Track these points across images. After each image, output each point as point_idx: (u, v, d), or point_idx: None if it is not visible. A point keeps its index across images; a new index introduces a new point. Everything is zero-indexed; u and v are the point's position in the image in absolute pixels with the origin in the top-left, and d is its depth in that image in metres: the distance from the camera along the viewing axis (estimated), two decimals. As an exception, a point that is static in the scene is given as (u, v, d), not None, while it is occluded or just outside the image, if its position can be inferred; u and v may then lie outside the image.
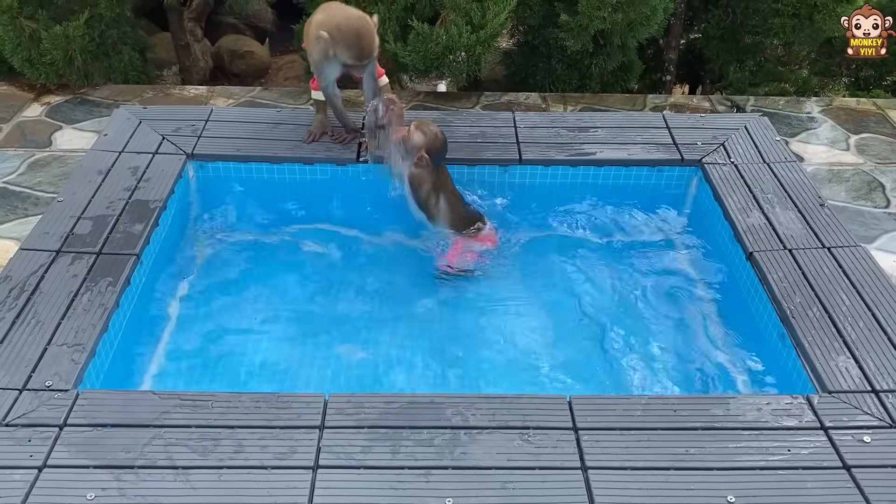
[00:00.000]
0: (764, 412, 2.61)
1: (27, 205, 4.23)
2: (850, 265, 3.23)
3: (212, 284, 3.57)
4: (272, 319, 3.41)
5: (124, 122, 4.09)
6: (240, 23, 7.68)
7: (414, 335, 3.36)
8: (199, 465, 2.38)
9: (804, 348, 2.87)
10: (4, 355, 2.73)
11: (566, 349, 3.29)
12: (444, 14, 5.16)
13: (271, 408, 2.58)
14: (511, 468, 2.41)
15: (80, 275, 3.10)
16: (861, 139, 5.12)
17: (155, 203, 3.52)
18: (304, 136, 3.97)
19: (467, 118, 4.27)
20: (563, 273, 3.67)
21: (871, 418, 2.60)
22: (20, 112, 5.14)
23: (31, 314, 2.91)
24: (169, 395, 2.64)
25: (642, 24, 5.32)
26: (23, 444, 2.44)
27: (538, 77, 5.76)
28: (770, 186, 3.72)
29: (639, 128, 4.14)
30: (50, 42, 5.09)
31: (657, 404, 2.66)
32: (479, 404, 2.62)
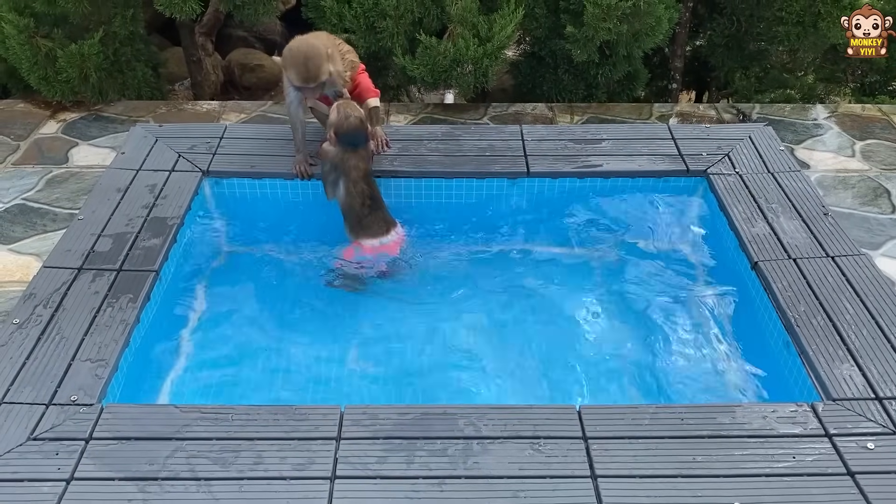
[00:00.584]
0: (769, 420, 2.68)
1: (46, 221, 4.32)
2: (853, 274, 3.29)
3: (228, 298, 3.66)
4: (288, 332, 3.49)
5: (141, 140, 4.19)
6: (249, 35, 7.79)
7: (428, 345, 3.44)
8: (221, 477, 2.47)
9: (808, 356, 2.93)
10: (31, 370, 2.83)
11: (574, 358, 3.36)
12: (451, 27, 5.24)
13: (289, 420, 2.67)
14: (522, 477, 2.48)
15: (102, 291, 3.19)
16: (867, 145, 5.15)
17: (172, 220, 3.61)
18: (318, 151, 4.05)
19: (475, 132, 4.34)
20: (570, 283, 3.75)
21: (874, 425, 2.66)
22: (37, 129, 5.24)
23: (56, 330, 3.00)
24: (190, 408, 2.72)
25: (647, 35, 5.37)
26: (51, 457, 2.52)
27: (545, 87, 5.83)
28: (774, 196, 3.78)
29: (645, 139, 4.21)
30: (65, 60, 5.19)
31: (664, 413, 2.73)
32: (490, 415, 2.69)
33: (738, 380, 3.22)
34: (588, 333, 3.50)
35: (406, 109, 5.51)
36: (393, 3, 5.14)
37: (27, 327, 3.01)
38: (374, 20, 5.15)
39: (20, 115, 5.40)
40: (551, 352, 3.41)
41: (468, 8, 5.14)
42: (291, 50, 3.61)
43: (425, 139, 4.21)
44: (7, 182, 4.62)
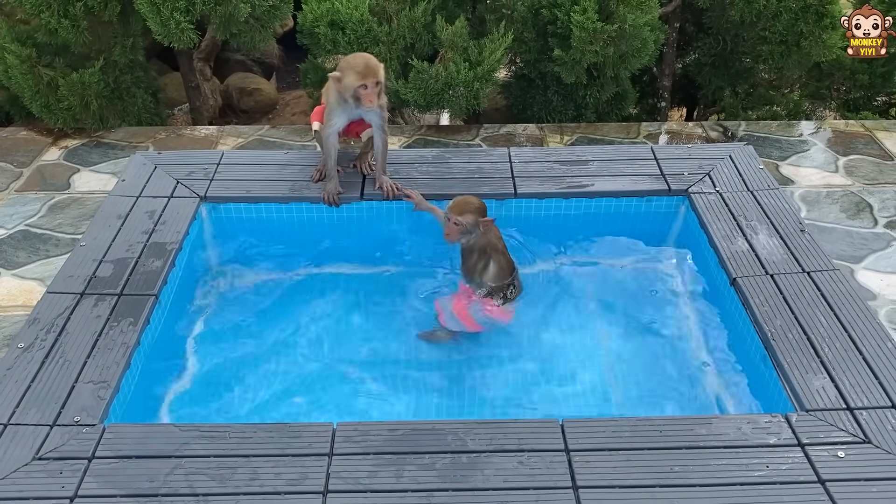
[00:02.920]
0: (744, 430, 2.78)
1: (48, 246, 4.43)
2: (828, 288, 3.41)
3: (225, 320, 3.76)
4: (283, 353, 3.60)
5: (140, 167, 4.32)
6: (247, 59, 7.94)
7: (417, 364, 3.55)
8: (218, 493, 2.57)
9: (784, 369, 3.04)
10: (36, 392, 2.94)
11: (558, 373, 3.47)
12: (442, 52, 5.38)
13: (283, 437, 2.78)
14: (508, 489, 2.59)
15: (104, 315, 3.31)
16: (850, 161, 5.26)
17: (171, 245, 3.73)
18: (312, 175, 4.17)
19: (465, 155, 4.47)
20: (553, 300, 3.85)
21: (845, 434, 2.77)
22: (40, 156, 5.37)
23: (59, 353, 3.12)
24: (188, 427, 2.83)
25: (634, 57, 5.51)
26: (55, 476, 2.63)
27: (535, 108, 5.97)
28: (753, 214, 3.90)
29: (628, 160, 4.34)
30: (67, 89, 5.33)
31: (644, 425, 2.84)
32: (477, 429, 2.80)
33: (718, 392, 3.33)
34: (570, 348, 3.61)
35: (400, 131, 5.64)
36: (385, 29, 5.29)
37: (32, 351, 3.12)
38: (367, 46, 5.29)
39: (23, 142, 5.53)
40: (534, 366, 3.51)
41: (459, 33, 5.28)
42: (347, 58, 3.89)
43: (416, 162, 4.33)
44: (10, 208, 4.75)
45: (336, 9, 5.31)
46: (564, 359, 3.55)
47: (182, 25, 5.15)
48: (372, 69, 3.76)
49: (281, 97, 7.69)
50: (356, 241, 4.12)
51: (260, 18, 5.53)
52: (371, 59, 3.84)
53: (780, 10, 5.64)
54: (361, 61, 3.81)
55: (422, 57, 5.38)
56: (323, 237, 4.12)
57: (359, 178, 4.19)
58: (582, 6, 5.18)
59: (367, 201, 4.08)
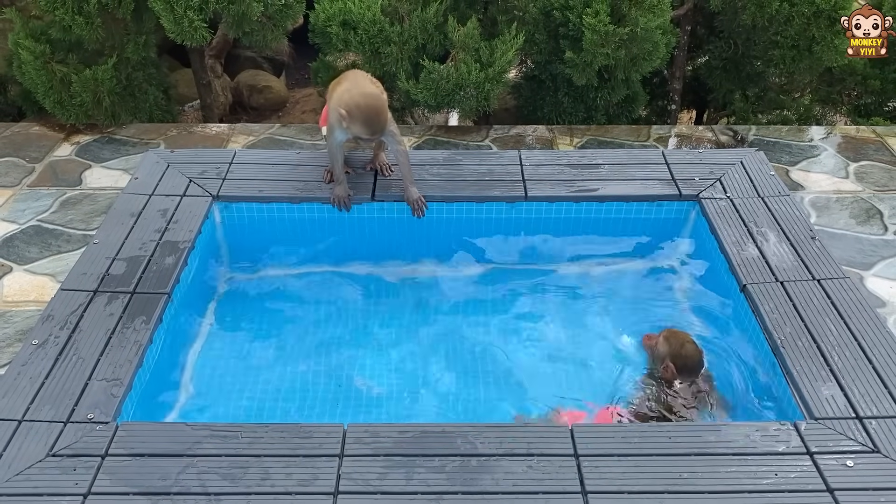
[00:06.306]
0: (753, 438, 2.79)
1: (60, 242, 4.45)
2: (837, 296, 3.41)
3: (236, 319, 3.79)
4: (294, 352, 3.62)
5: (153, 165, 4.34)
6: (258, 56, 7.95)
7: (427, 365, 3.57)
8: (230, 492, 2.60)
9: (793, 377, 3.05)
10: (50, 389, 2.97)
11: (567, 377, 3.48)
12: (454, 53, 5.39)
13: (294, 437, 2.79)
14: (517, 493, 2.61)
15: (116, 313, 3.33)
16: (860, 167, 5.25)
17: (184, 243, 3.75)
18: (324, 175, 4.18)
19: (476, 157, 4.47)
20: (563, 304, 3.87)
21: (854, 443, 2.78)
22: (51, 152, 5.39)
23: (73, 351, 3.14)
24: (200, 426, 2.85)
25: (645, 60, 5.51)
26: (68, 472, 2.66)
27: (545, 109, 5.98)
28: (764, 220, 3.90)
29: (639, 164, 4.34)
30: (80, 85, 5.35)
31: (653, 431, 2.85)
32: (486, 433, 2.82)
33: (727, 399, 3.34)
34: (580, 353, 3.62)
35: (409, 131, 5.66)
36: (397, 29, 5.30)
37: (46, 347, 3.15)
38: (379, 46, 5.30)
39: (35, 137, 5.56)
40: (543, 369, 3.53)
41: (470, 34, 5.29)
42: (358, 104, 3.59)
43: (427, 164, 4.34)
44: (23, 203, 4.77)
45: (348, 8, 5.32)
46: (573, 362, 3.56)
47: (195, 24, 5.17)
48: (379, 128, 3.63)
49: (291, 94, 7.71)
50: (367, 241, 4.13)
51: (272, 17, 5.55)
52: (381, 113, 3.62)
53: (792, 14, 5.62)
54: (372, 115, 3.59)
55: (433, 57, 5.39)
56: (334, 237, 4.13)
57: (370, 179, 4.20)
58: (594, 9, 5.18)
59: (378, 202, 4.09)
